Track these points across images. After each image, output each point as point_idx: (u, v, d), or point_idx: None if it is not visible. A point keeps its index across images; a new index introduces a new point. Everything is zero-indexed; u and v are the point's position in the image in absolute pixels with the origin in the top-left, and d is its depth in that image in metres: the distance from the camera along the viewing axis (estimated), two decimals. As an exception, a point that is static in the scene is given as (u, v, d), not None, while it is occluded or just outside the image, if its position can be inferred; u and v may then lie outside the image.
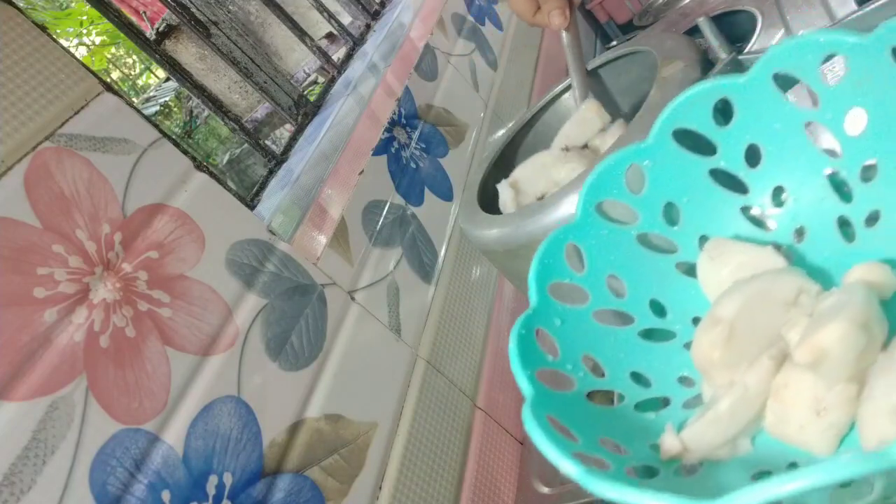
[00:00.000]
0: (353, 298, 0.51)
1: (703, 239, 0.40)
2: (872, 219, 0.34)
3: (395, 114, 0.66)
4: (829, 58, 0.32)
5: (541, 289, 0.37)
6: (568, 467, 0.26)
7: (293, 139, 0.67)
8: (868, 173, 0.34)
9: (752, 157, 0.38)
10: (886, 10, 0.49)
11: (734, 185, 0.39)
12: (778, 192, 0.38)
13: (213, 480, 0.36)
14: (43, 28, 0.38)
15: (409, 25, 0.80)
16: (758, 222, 0.39)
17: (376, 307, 0.52)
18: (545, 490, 0.51)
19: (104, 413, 0.33)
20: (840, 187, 0.35)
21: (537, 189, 0.52)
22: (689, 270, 0.39)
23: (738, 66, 0.48)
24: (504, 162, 0.70)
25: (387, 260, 0.56)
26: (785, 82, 0.35)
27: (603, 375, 0.36)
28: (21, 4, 0.38)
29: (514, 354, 0.33)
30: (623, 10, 1.15)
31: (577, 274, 0.39)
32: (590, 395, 0.35)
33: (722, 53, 0.50)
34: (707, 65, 0.50)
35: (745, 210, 0.39)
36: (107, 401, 0.33)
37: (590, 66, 0.69)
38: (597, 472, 0.25)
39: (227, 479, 0.37)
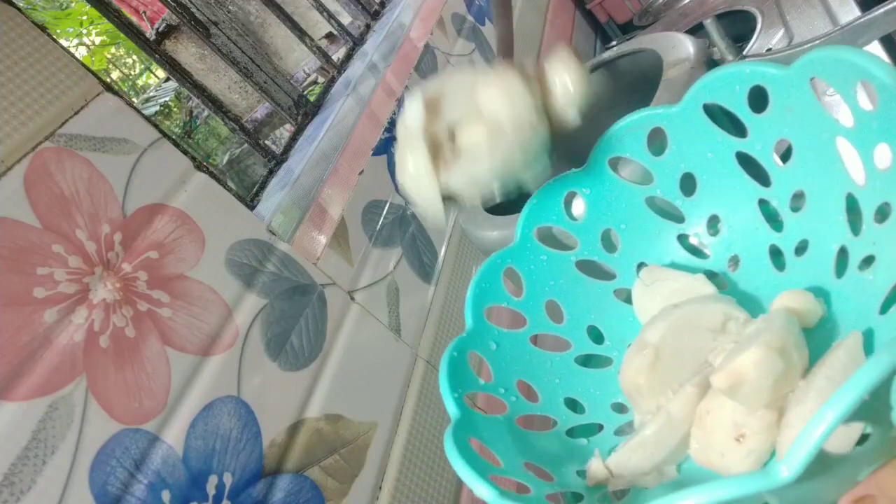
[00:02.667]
0: (353, 298, 0.51)
1: (642, 266, 0.40)
2: (801, 248, 0.34)
3: (394, 114, 0.66)
4: (756, 87, 0.32)
5: (476, 312, 0.37)
6: (482, 490, 0.26)
7: (293, 139, 0.67)
8: (797, 203, 0.34)
9: (688, 185, 0.38)
10: (893, 14, 0.49)
11: (671, 213, 0.39)
12: (713, 220, 0.39)
13: (213, 480, 0.36)
14: (43, 28, 0.38)
15: (409, 25, 0.80)
16: (695, 250, 0.39)
17: (376, 307, 0.52)
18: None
19: (104, 413, 0.33)
20: (772, 217, 0.36)
21: (453, 114, 0.37)
22: (628, 297, 0.40)
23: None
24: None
25: (387, 260, 0.56)
26: (715, 111, 0.35)
27: (537, 400, 0.37)
28: (21, 4, 0.38)
29: (443, 376, 0.33)
30: (623, 9, 1.15)
31: (514, 298, 0.39)
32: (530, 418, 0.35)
33: (728, 55, 0.50)
34: (713, 66, 0.50)
35: (681, 238, 0.40)
36: (107, 401, 0.33)
37: (590, 67, 0.69)
38: (512, 497, 0.26)
39: (227, 479, 0.37)
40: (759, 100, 0.33)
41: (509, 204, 0.55)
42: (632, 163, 0.39)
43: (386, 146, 0.63)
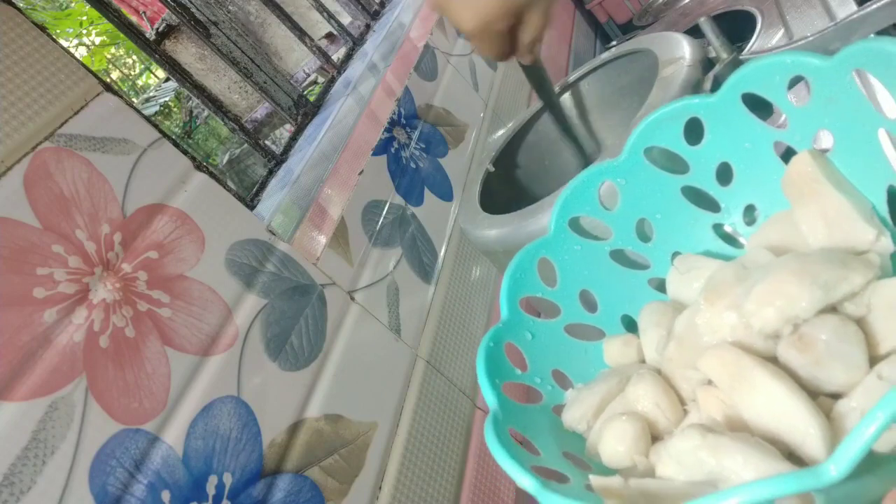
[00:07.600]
0: (352, 298, 0.51)
1: (676, 255, 0.40)
2: None
3: (394, 114, 0.66)
4: (796, 79, 0.32)
5: (512, 303, 0.37)
6: (524, 481, 0.26)
7: (293, 139, 0.67)
8: None
9: (724, 175, 0.38)
10: (887, 10, 0.49)
11: (707, 202, 0.39)
12: (750, 209, 0.38)
13: (212, 480, 0.36)
14: (43, 28, 0.38)
15: (409, 25, 0.80)
16: (730, 239, 0.39)
17: (376, 307, 0.52)
18: (545, 490, 0.51)
19: (104, 413, 0.33)
20: None
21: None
22: (661, 286, 0.40)
23: (738, 66, 0.48)
24: (504, 162, 0.70)
25: (387, 260, 0.56)
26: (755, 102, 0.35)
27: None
28: (21, 4, 0.38)
29: (481, 367, 0.33)
30: (623, 10, 1.15)
31: (548, 288, 0.39)
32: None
33: (723, 53, 0.50)
34: (708, 65, 0.50)
35: (717, 227, 0.39)
36: (107, 401, 0.33)
37: (590, 67, 0.69)
38: (553, 486, 0.26)
39: (227, 480, 0.37)
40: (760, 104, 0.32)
41: (507, 203, 0.55)
42: (663, 150, 0.38)
43: (386, 146, 0.63)
